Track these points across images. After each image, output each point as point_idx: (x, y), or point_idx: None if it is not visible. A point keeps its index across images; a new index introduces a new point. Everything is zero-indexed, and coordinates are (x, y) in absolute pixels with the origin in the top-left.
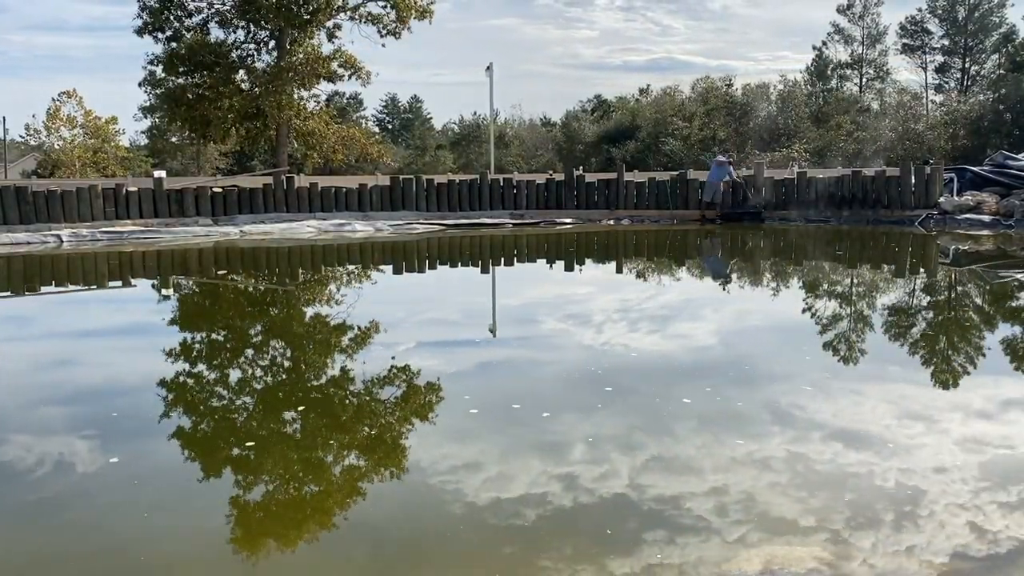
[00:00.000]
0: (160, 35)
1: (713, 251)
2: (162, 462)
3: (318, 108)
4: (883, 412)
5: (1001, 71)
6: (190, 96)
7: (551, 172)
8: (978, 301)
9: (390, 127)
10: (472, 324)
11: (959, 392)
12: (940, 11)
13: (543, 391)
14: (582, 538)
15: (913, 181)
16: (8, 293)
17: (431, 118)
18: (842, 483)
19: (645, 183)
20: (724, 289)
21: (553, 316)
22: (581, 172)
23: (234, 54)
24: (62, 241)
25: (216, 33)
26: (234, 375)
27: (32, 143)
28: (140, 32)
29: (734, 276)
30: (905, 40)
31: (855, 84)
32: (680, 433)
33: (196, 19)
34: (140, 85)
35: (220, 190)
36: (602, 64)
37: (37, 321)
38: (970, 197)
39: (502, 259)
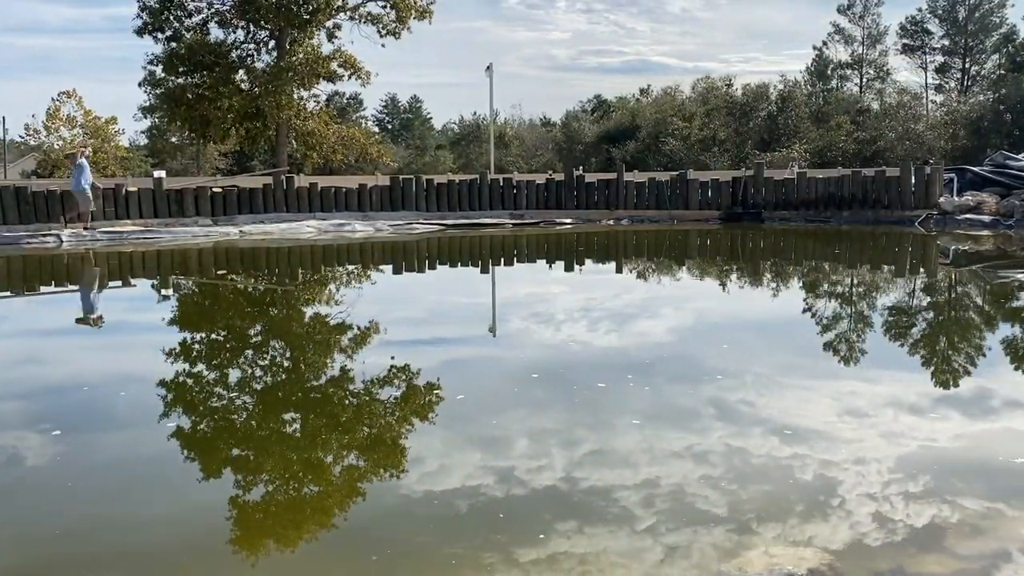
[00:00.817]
0: (160, 35)
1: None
2: (159, 461)
3: (318, 108)
4: (827, 408)
5: (1001, 71)
6: (190, 96)
7: (551, 172)
8: (946, 300)
9: (390, 127)
10: (450, 323)
11: (910, 388)
12: (940, 11)
13: (494, 387)
14: (503, 527)
15: (913, 181)
16: (8, 293)
17: (431, 118)
18: (766, 475)
19: (645, 183)
20: (705, 287)
21: (522, 315)
22: (581, 172)
23: (234, 54)
24: (62, 241)
25: (216, 33)
26: (231, 374)
27: (32, 143)
28: (140, 32)
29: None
30: (905, 40)
31: (855, 84)
32: (620, 427)
33: (196, 19)
34: (140, 85)
35: (220, 190)
36: (576, 66)
37: (36, 320)
38: (970, 197)
39: (501, 259)
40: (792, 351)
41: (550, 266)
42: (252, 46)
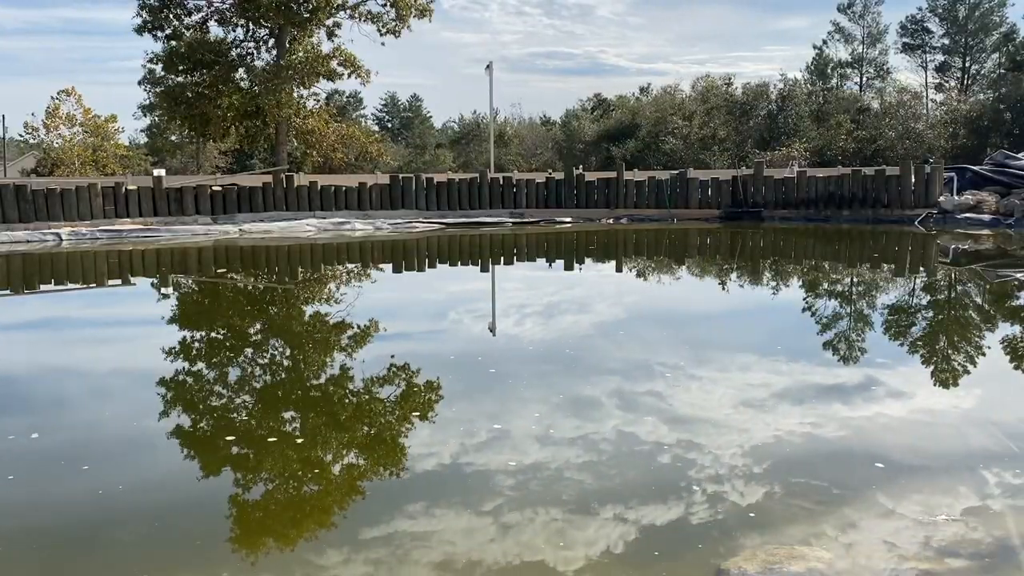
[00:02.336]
0: (159, 33)
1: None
2: (156, 459)
3: (318, 107)
4: (726, 399)
5: (1001, 70)
6: (189, 94)
7: (551, 171)
8: (889, 298)
9: (390, 126)
10: (417, 319)
11: (816, 381)
12: (940, 10)
13: (412, 377)
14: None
15: (913, 180)
16: (7, 292)
17: (431, 116)
18: (639, 461)
19: (645, 182)
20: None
21: (463, 310)
22: (581, 171)
23: (233, 52)
24: (61, 240)
25: (215, 31)
26: (230, 372)
27: (31, 141)
28: (139, 31)
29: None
30: (905, 39)
31: (855, 83)
32: (522, 414)
33: (195, 17)
34: (140, 83)
35: (219, 189)
36: (534, 67)
37: (36, 319)
38: (970, 196)
39: (501, 258)
40: (729, 345)
41: (550, 264)
42: (252, 44)
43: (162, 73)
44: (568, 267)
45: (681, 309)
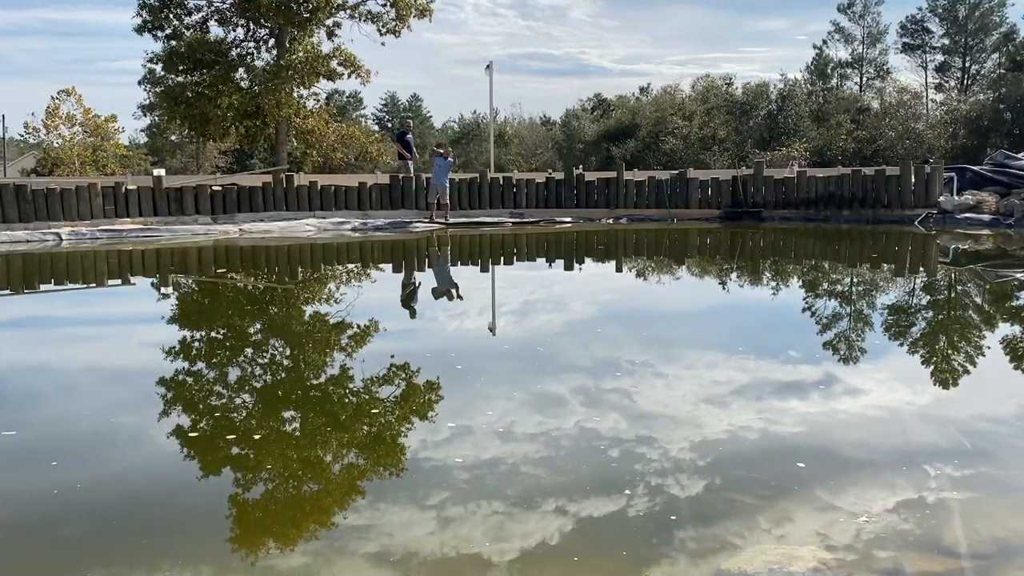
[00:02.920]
0: (159, 33)
1: (442, 261)
2: (154, 458)
3: (317, 106)
4: (689, 396)
5: (1001, 70)
6: (189, 94)
7: (551, 171)
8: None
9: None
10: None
11: (772, 378)
12: (940, 10)
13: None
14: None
15: (913, 180)
16: (7, 291)
17: (431, 116)
18: (593, 455)
19: (645, 182)
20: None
21: (446, 308)
22: (581, 171)
23: (233, 52)
24: (61, 239)
25: (216, 31)
26: (229, 371)
27: (31, 141)
28: (139, 30)
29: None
30: (905, 39)
31: (855, 83)
32: (487, 410)
33: (195, 17)
34: (140, 83)
35: (219, 188)
36: (517, 68)
37: (35, 318)
38: (970, 196)
39: (502, 258)
40: (704, 343)
41: (550, 264)
42: (252, 44)
43: (162, 73)
44: (568, 267)
45: (665, 308)
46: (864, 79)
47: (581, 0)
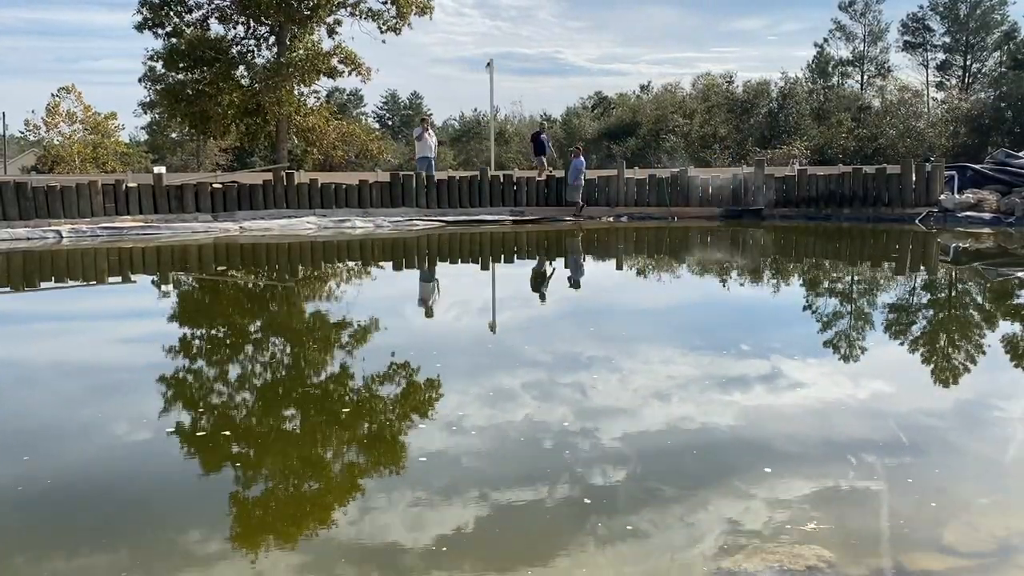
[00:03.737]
0: (160, 31)
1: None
2: (155, 457)
3: (318, 104)
4: (639, 390)
5: (1002, 68)
6: (190, 92)
7: (551, 169)
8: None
9: (390, 123)
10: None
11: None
12: (942, 8)
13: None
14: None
15: (914, 179)
16: (7, 289)
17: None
18: (532, 450)
19: (645, 180)
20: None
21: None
22: None
23: (234, 50)
24: (62, 237)
25: (216, 29)
26: (229, 369)
27: (32, 139)
28: (140, 28)
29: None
30: (906, 37)
31: (856, 81)
32: (435, 403)
33: (196, 15)
34: (140, 81)
35: (220, 186)
36: (496, 67)
37: (35, 318)
38: (971, 195)
39: (502, 256)
40: (670, 339)
41: (550, 263)
42: (252, 42)
43: (162, 70)
44: (568, 265)
45: (641, 304)
46: (865, 77)
47: (544, 0)
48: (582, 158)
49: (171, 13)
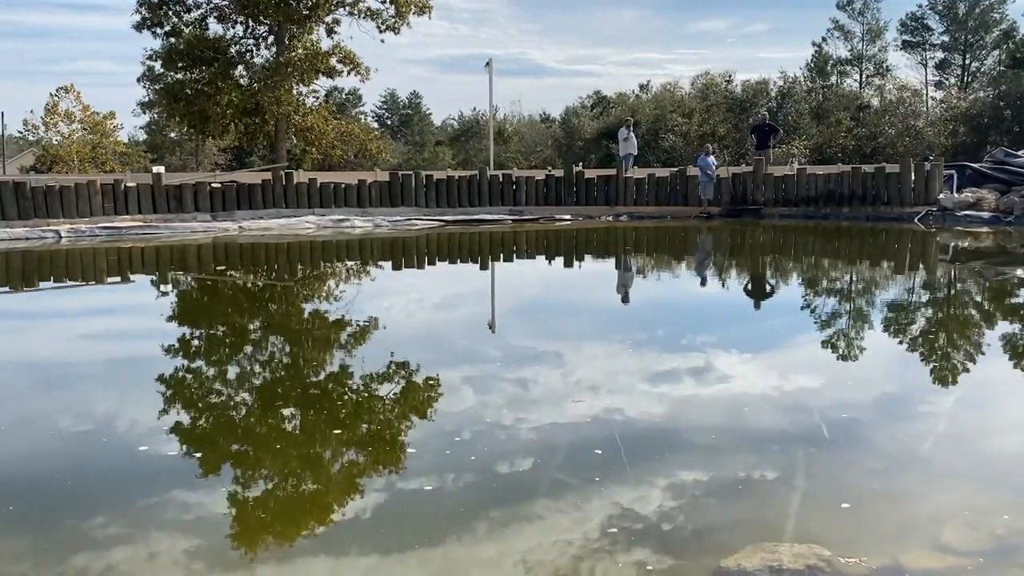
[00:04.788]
0: (158, 30)
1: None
2: (155, 456)
3: (317, 104)
4: (578, 384)
5: (1001, 67)
6: (188, 92)
7: (550, 168)
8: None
9: (389, 123)
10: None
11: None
12: (940, 7)
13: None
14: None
15: (913, 178)
16: (7, 289)
17: (430, 114)
18: (453, 441)
19: (644, 179)
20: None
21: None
22: (580, 168)
23: (233, 49)
24: (60, 237)
25: (215, 28)
26: (229, 369)
27: (31, 138)
28: (138, 27)
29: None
30: (905, 36)
31: (855, 80)
32: (389, 390)
33: (195, 14)
34: (139, 80)
35: (219, 186)
36: (465, 66)
37: (35, 316)
38: (970, 194)
39: (501, 255)
40: (622, 335)
41: (550, 262)
42: (251, 41)
43: (161, 70)
44: (568, 264)
45: (619, 303)
46: (864, 76)
47: (495, 3)
48: (711, 158)
49: (170, 13)
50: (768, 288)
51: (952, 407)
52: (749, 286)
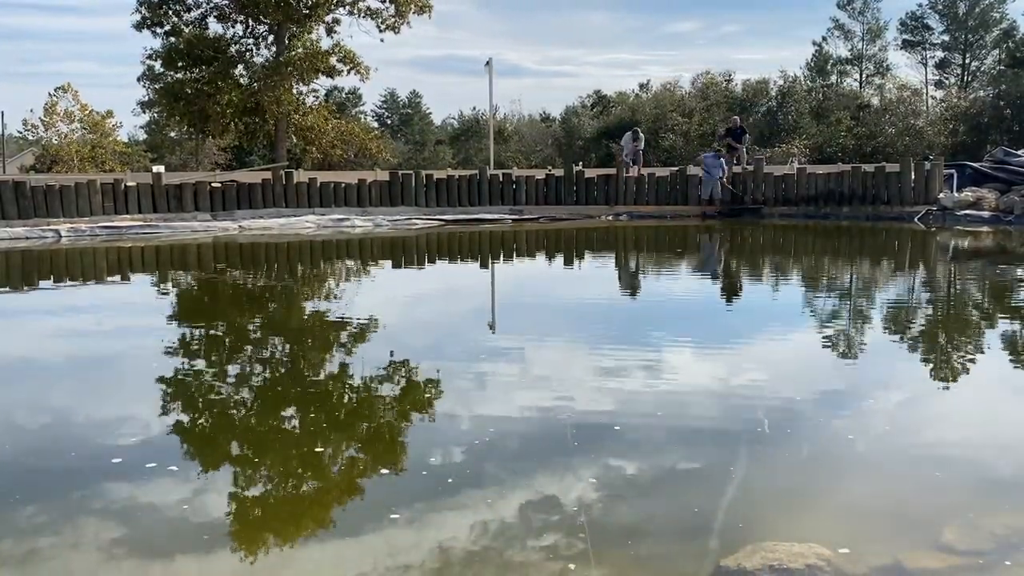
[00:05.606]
0: (159, 30)
1: None
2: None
3: (317, 103)
4: (531, 378)
5: (1001, 67)
6: (189, 91)
7: (550, 167)
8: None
9: (389, 122)
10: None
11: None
12: (940, 7)
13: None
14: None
15: (913, 177)
16: (6, 288)
17: (430, 113)
18: (398, 432)
19: (644, 179)
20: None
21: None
22: (580, 168)
23: (233, 49)
24: (60, 236)
25: (215, 28)
26: (229, 368)
27: (30, 138)
28: (139, 27)
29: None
30: (905, 36)
31: (855, 80)
32: (351, 383)
33: (195, 14)
34: (139, 80)
35: (219, 185)
36: (445, 68)
37: (34, 316)
38: (970, 193)
39: (501, 254)
40: (594, 332)
41: (550, 261)
42: (251, 41)
43: (161, 70)
44: (568, 263)
45: (604, 300)
46: (864, 76)
47: (464, 6)
48: (722, 159)
49: (170, 12)
50: (766, 288)
51: (896, 405)
52: (747, 286)
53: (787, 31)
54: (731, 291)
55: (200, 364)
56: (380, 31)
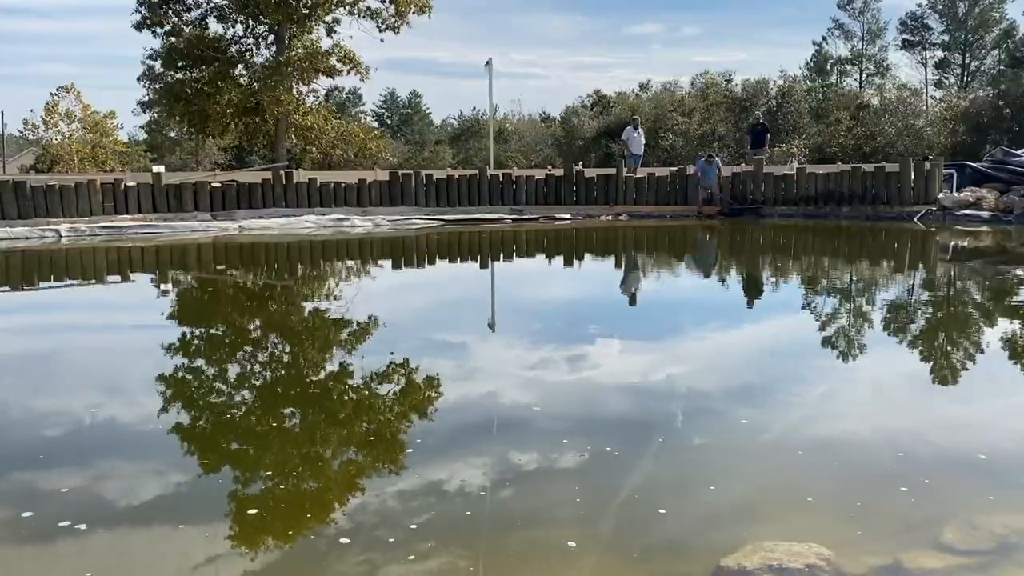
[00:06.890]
0: (159, 30)
1: None
2: (155, 455)
3: (317, 103)
4: (473, 372)
5: (1001, 67)
6: (189, 91)
7: (550, 167)
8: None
9: (389, 122)
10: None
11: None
12: (940, 7)
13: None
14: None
15: (913, 177)
16: (6, 288)
17: (430, 113)
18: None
19: (644, 178)
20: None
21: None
22: (580, 167)
23: (233, 49)
24: (61, 236)
25: (215, 27)
26: (229, 368)
27: (31, 138)
28: (139, 27)
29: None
30: (905, 36)
31: (855, 80)
32: (337, 381)
33: (195, 14)
34: (139, 80)
35: (219, 185)
36: (418, 69)
37: (34, 316)
38: (970, 193)
39: (501, 254)
40: (569, 327)
41: (550, 261)
42: (251, 41)
43: (161, 69)
44: (568, 263)
45: (592, 298)
46: (864, 76)
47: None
48: (716, 162)
49: (170, 12)
50: (766, 289)
51: (818, 397)
52: (747, 286)
53: (748, 34)
54: (730, 291)
55: (199, 362)
56: (380, 31)
